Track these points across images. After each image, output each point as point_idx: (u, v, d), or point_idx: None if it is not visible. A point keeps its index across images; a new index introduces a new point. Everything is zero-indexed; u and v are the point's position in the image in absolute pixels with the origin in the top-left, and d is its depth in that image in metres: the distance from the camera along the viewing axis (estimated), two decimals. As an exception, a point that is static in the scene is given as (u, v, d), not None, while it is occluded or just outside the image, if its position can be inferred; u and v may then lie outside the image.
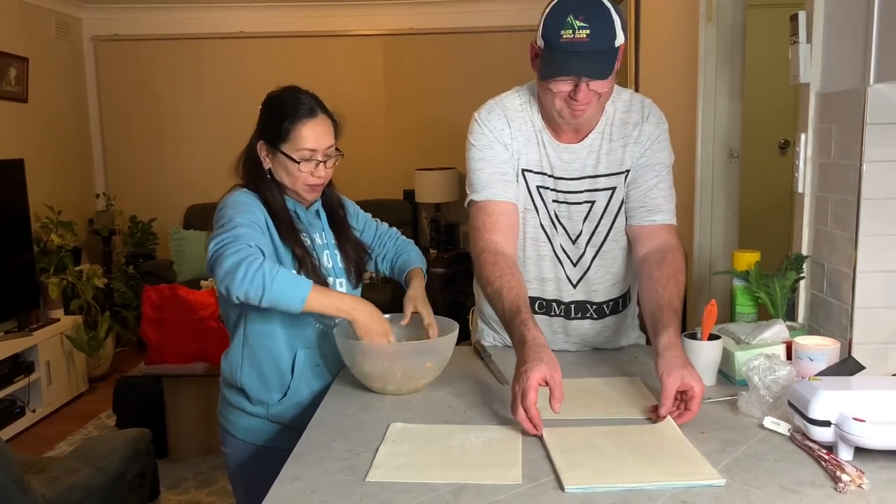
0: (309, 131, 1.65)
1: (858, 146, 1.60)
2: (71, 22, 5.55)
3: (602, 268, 1.78)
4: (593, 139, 1.70)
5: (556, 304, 1.82)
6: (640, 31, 3.81)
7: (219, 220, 1.61)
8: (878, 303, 1.63)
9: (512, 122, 1.70)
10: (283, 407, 1.73)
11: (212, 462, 3.53)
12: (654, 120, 1.71)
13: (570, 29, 1.48)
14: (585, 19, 1.48)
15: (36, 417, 4.11)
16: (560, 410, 1.34)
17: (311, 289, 1.52)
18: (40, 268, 4.49)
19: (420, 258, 1.91)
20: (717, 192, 2.90)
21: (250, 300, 1.50)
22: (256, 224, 1.60)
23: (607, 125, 1.70)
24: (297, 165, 1.65)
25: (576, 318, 1.82)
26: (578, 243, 1.76)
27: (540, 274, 1.78)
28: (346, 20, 5.75)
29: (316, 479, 1.20)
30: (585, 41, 1.48)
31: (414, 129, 5.87)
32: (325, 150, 1.67)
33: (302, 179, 1.67)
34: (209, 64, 5.75)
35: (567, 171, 1.71)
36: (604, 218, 1.74)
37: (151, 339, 3.48)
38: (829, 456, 1.20)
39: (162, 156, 5.83)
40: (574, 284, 1.79)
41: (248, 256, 1.49)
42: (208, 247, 1.55)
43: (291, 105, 1.66)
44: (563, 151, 1.70)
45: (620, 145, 1.70)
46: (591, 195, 1.72)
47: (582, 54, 1.50)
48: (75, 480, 2.12)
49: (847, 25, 1.68)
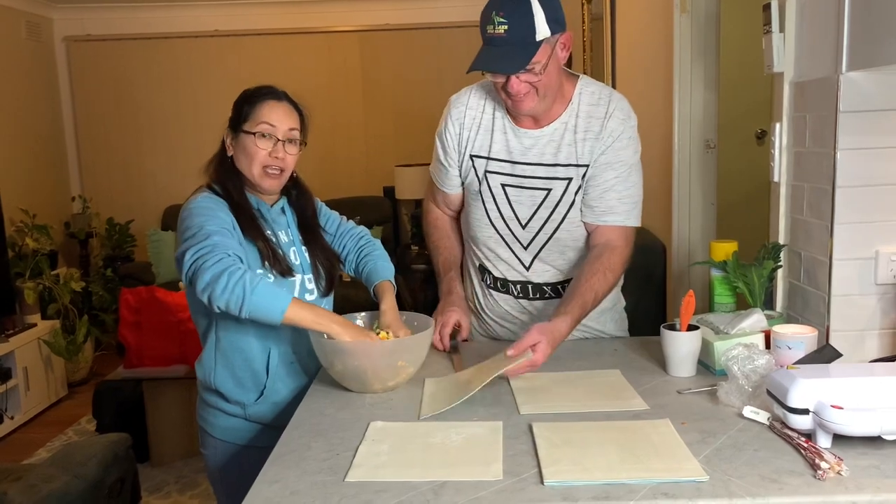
0: (269, 110, 1.66)
1: (832, 134, 1.60)
2: (42, 22, 5.47)
3: (555, 252, 1.81)
4: (555, 128, 1.73)
5: (511, 284, 1.85)
6: (615, 23, 3.81)
7: (187, 228, 1.58)
8: (854, 290, 1.64)
9: (469, 110, 1.80)
10: (261, 407, 1.71)
11: (194, 465, 3.50)
12: (619, 116, 1.71)
13: (492, 24, 1.57)
14: (505, 15, 1.55)
15: (14, 424, 4.05)
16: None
17: (291, 301, 1.51)
18: (15, 272, 4.42)
19: (386, 263, 1.86)
20: (695, 182, 2.91)
21: (231, 311, 1.49)
22: (226, 230, 1.58)
23: (572, 116, 1.73)
24: (253, 139, 1.64)
25: (535, 298, 1.85)
26: (529, 227, 1.79)
27: (492, 252, 1.86)
28: (321, 17, 5.72)
29: (295, 480, 1.19)
30: (503, 36, 1.56)
31: (392, 125, 5.86)
32: (286, 130, 1.66)
33: (259, 160, 1.65)
34: (184, 63, 5.69)
35: (525, 155, 1.75)
36: (558, 207, 1.76)
37: (130, 342, 3.44)
38: (808, 444, 1.21)
39: (138, 157, 5.77)
40: (527, 266, 1.83)
41: (229, 267, 1.48)
42: (182, 259, 1.52)
43: (257, 91, 1.69)
44: (523, 137, 1.75)
45: (581, 138, 1.72)
46: (548, 183, 1.75)
47: (499, 48, 1.57)
48: (53, 488, 2.09)
49: (819, 14, 1.68)
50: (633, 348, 1.80)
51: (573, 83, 1.74)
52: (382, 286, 1.79)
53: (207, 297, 1.49)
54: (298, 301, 1.56)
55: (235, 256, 1.52)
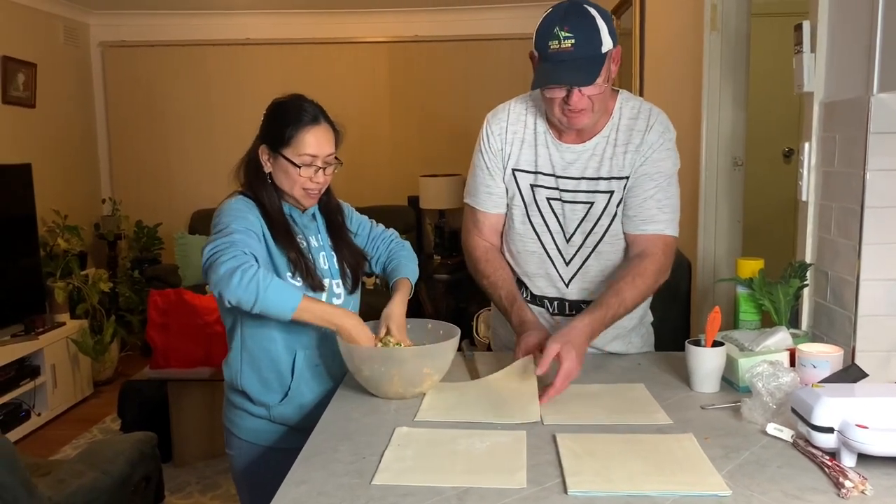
0: (311, 137, 1.67)
1: (862, 155, 1.61)
2: (79, 28, 5.59)
3: (597, 268, 1.81)
4: (597, 142, 1.75)
5: (547, 300, 1.85)
6: (644, 40, 3.82)
7: (215, 226, 1.65)
8: (881, 311, 1.64)
9: (510, 125, 1.80)
10: (285, 408, 1.74)
11: (216, 466, 3.54)
12: (658, 129, 1.74)
13: (556, 40, 1.57)
14: (570, 29, 1.56)
15: (41, 421, 4.12)
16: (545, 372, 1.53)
17: (302, 299, 1.55)
18: (46, 272, 4.51)
19: (411, 265, 1.90)
20: (722, 199, 2.90)
21: (242, 306, 1.53)
22: (251, 231, 1.63)
23: (612, 129, 1.75)
24: (297, 170, 1.68)
25: (570, 314, 1.84)
26: (573, 242, 1.79)
27: (526, 269, 1.85)
28: (351, 27, 5.79)
29: (322, 482, 1.21)
30: (571, 50, 1.56)
31: (418, 135, 5.90)
32: (325, 157, 1.70)
33: (300, 184, 1.69)
34: (215, 70, 5.78)
35: (567, 170, 1.76)
36: (601, 220, 1.77)
37: (157, 343, 3.50)
38: (832, 462, 1.21)
39: (167, 161, 5.85)
40: (566, 283, 1.82)
41: (243, 263, 1.52)
42: (203, 251, 1.58)
43: (295, 111, 1.69)
44: (565, 151, 1.76)
45: (622, 151, 1.74)
46: (590, 196, 1.76)
47: (568, 63, 1.57)
48: (81, 483, 2.13)
49: (851, 35, 1.69)
50: (657, 363, 1.80)
51: (614, 97, 1.76)
52: (398, 283, 1.82)
53: (219, 292, 1.54)
54: (309, 298, 1.59)
55: (251, 255, 1.56)
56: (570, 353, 1.54)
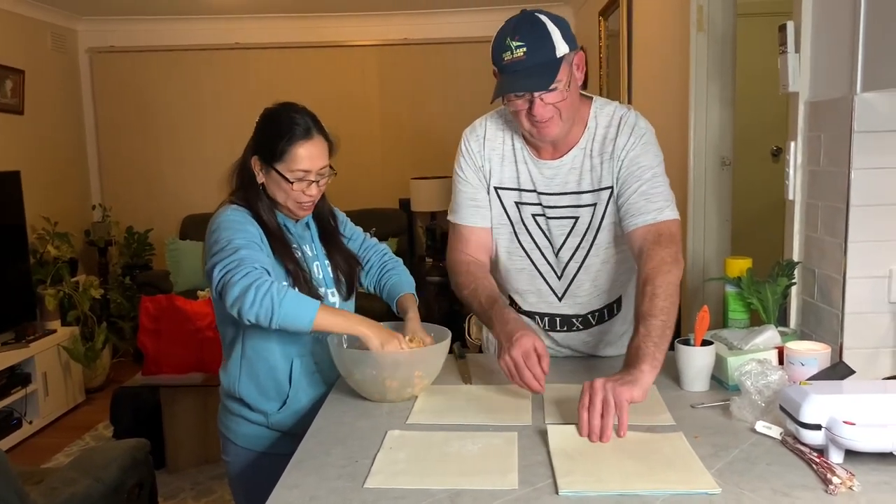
0: (304, 152, 1.65)
1: (846, 154, 1.62)
2: (67, 34, 5.57)
3: (587, 280, 1.78)
4: (575, 155, 1.71)
5: (538, 316, 1.84)
6: (632, 41, 3.84)
7: (215, 242, 1.61)
8: (867, 308, 1.66)
9: (487, 141, 1.77)
10: (283, 416, 1.75)
11: (209, 472, 3.53)
12: (626, 130, 1.68)
13: (509, 51, 1.57)
14: (521, 38, 1.56)
15: (33, 429, 4.10)
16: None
17: (319, 309, 1.54)
18: (37, 279, 4.49)
19: (410, 279, 1.91)
20: (710, 199, 2.92)
21: (261, 323, 1.52)
22: (254, 242, 1.61)
23: (589, 140, 1.71)
24: (290, 185, 1.66)
25: (561, 330, 1.84)
26: (561, 257, 1.77)
27: (517, 286, 1.83)
28: (340, 31, 5.79)
29: (315, 486, 1.22)
30: (523, 59, 1.56)
31: (409, 138, 5.90)
32: (318, 170, 1.69)
33: (294, 197, 1.69)
34: (205, 75, 5.77)
35: (549, 186, 1.73)
36: (587, 234, 1.74)
37: (148, 349, 3.49)
38: (820, 459, 1.22)
39: (158, 167, 5.84)
40: (560, 297, 1.80)
41: (256, 280, 1.51)
42: (212, 273, 1.56)
43: (287, 125, 1.66)
44: (543, 167, 1.73)
45: (599, 162, 1.70)
46: (575, 211, 1.73)
47: (521, 71, 1.56)
48: (74, 491, 2.13)
49: (834, 36, 1.71)
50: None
51: (588, 105, 1.72)
52: (406, 298, 1.84)
53: (237, 311, 1.52)
54: (326, 307, 1.58)
55: (262, 269, 1.55)
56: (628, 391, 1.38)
